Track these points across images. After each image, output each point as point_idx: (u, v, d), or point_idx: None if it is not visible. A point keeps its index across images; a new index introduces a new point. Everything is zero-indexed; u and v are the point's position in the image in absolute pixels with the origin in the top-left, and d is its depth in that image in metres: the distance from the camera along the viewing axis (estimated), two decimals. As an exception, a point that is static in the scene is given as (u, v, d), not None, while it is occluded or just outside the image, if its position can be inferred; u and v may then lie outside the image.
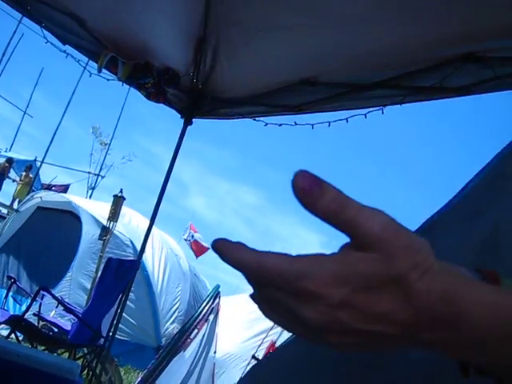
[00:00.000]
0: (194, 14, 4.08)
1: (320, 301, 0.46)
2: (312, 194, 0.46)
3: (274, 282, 0.47)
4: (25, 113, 24.22)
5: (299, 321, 0.49)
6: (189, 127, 4.91)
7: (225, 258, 0.48)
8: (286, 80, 4.19)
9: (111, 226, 7.16)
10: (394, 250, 0.46)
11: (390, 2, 3.26)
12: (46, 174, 23.86)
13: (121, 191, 7.01)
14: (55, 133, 20.88)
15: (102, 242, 7.90)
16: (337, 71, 3.94)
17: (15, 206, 17.98)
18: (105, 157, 24.15)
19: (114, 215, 7.11)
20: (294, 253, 0.48)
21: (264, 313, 0.53)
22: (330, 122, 4.27)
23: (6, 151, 22.12)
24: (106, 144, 24.34)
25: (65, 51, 4.43)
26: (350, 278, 0.46)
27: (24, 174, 20.07)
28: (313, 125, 4.41)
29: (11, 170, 20.54)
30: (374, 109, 3.97)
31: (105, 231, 7.08)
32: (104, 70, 4.48)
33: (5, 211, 18.28)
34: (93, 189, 22.80)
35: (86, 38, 4.33)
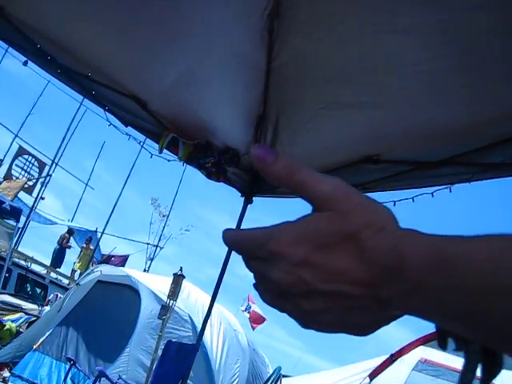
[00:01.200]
0: (254, 93, 4.08)
1: (284, 260, 0.50)
2: (266, 161, 0.53)
3: (251, 250, 0.54)
4: (86, 185, 25.02)
5: (273, 288, 0.53)
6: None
7: (224, 240, 0.57)
8: (347, 158, 4.09)
9: (171, 304, 7.08)
10: (346, 208, 0.50)
11: (454, 80, 3.17)
12: (106, 244, 24.30)
13: (180, 269, 6.95)
14: (115, 205, 21.42)
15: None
16: (401, 148, 3.82)
17: (76, 277, 18.27)
18: (163, 228, 24.47)
19: (174, 294, 7.04)
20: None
21: (262, 297, 0.57)
22: (395, 202, 4.12)
23: (68, 221, 22.72)
24: (164, 215, 24.69)
25: (126, 133, 4.51)
26: (308, 236, 0.50)
27: (85, 245, 20.45)
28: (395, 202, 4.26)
29: (72, 240, 21.00)
30: (442, 187, 3.81)
31: (164, 310, 6.99)
32: (164, 150, 4.51)
33: (66, 281, 18.60)
34: (151, 259, 22.98)
35: (148, 120, 4.39)
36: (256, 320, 18.43)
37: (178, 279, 7.07)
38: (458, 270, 0.44)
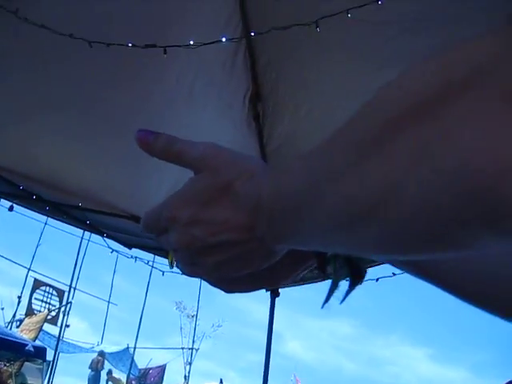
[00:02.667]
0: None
1: (175, 223, 0.55)
2: (148, 141, 0.59)
3: (157, 224, 0.58)
4: (109, 302, 24.58)
5: (181, 256, 0.58)
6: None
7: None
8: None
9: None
10: (216, 165, 0.54)
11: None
12: (142, 354, 23.59)
13: (221, 382, 6.55)
14: (141, 317, 20.91)
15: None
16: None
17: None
18: (195, 330, 23.87)
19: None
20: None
21: (181, 271, 0.60)
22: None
23: (97, 345, 22.18)
24: (193, 316, 24.17)
25: (132, 256, 4.26)
26: (190, 197, 0.55)
27: (109, 377, 19.54)
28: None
29: (106, 362, 20.41)
30: None
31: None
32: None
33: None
34: (190, 364, 22.28)
35: (152, 237, 4.15)
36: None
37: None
38: (287, 194, 0.49)
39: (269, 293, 4.53)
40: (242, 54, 3.18)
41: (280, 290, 4.54)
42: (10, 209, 3.75)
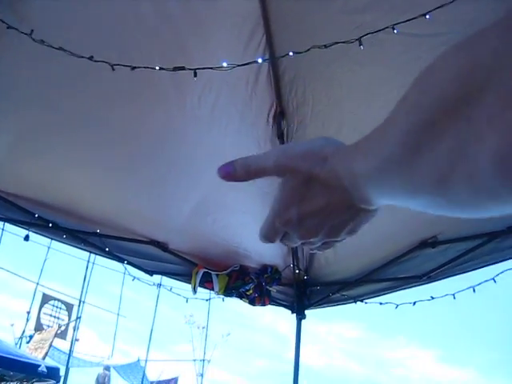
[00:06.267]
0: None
1: (290, 225, 0.66)
2: (229, 173, 0.67)
3: (277, 231, 0.69)
4: (118, 315, 24.35)
5: (304, 244, 0.71)
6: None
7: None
8: (402, 247, 3.63)
9: None
10: (291, 165, 0.63)
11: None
12: (152, 366, 23.27)
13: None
14: (152, 329, 20.67)
15: None
16: (458, 226, 3.36)
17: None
18: (205, 341, 23.63)
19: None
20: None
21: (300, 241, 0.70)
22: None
23: (108, 358, 21.94)
24: (203, 327, 23.94)
25: (154, 283, 4.09)
26: (288, 201, 0.64)
27: None
28: (454, 294, 3.75)
29: (116, 375, 20.14)
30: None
31: None
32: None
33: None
34: (201, 375, 22.03)
35: (173, 261, 3.98)
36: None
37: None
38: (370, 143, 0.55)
39: (294, 315, 4.36)
40: (265, 70, 3.01)
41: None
42: (26, 238, 3.58)
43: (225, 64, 2.50)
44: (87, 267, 20.68)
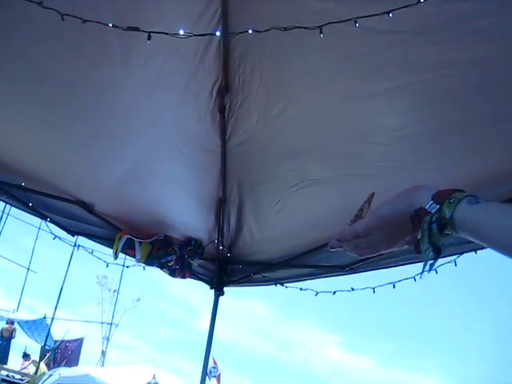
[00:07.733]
0: (211, 177, 3.69)
1: (352, 245, 1.03)
2: (339, 246, 1.05)
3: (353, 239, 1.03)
4: (28, 269, 23.62)
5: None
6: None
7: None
8: (331, 234, 3.69)
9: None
10: (379, 226, 0.99)
11: (436, 143, 2.90)
12: (59, 325, 22.76)
13: (154, 377, 6.36)
14: (61, 289, 20.19)
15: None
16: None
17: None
18: (115, 305, 23.34)
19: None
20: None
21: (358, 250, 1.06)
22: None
23: (13, 312, 21.26)
24: (114, 291, 23.59)
25: (75, 244, 3.98)
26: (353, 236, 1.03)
27: (24, 364, 18.60)
28: (374, 288, 3.85)
29: (19, 328, 19.51)
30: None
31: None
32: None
33: (18, 376, 17.16)
34: (107, 339, 21.79)
35: (97, 224, 3.89)
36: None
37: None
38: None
39: (213, 290, 4.36)
40: (216, 43, 2.96)
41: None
42: None
43: (181, 32, 2.43)
44: (1, 218, 19.91)
